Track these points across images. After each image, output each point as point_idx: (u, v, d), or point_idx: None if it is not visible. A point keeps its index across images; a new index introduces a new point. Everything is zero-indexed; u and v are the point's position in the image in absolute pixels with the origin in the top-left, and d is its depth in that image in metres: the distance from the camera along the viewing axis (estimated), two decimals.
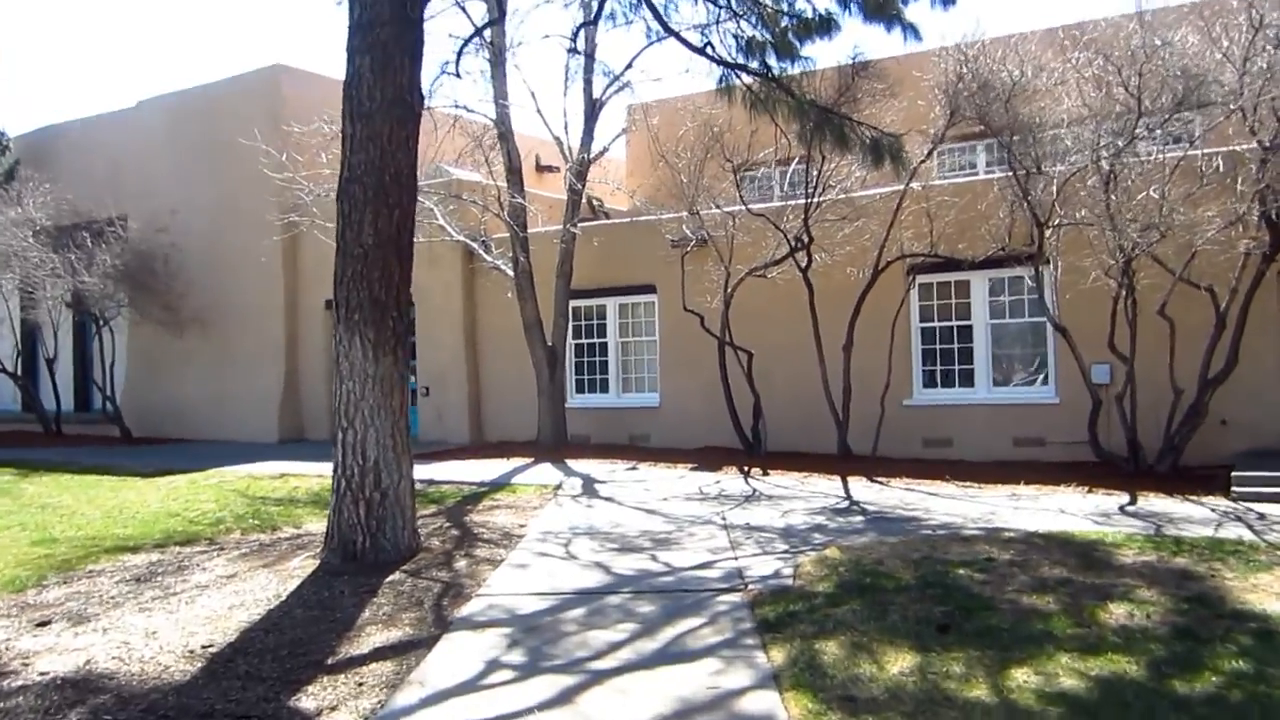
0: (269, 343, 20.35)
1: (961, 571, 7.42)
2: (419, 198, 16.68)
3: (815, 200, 13.11)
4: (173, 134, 21.66)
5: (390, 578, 7.87)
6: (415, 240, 16.93)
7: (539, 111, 15.98)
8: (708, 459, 14.40)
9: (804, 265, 13.40)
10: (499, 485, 12.74)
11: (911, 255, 13.33)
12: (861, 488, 11.86)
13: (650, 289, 16.59)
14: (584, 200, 17.61)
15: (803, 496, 11.37)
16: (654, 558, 8.39)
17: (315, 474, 13.98)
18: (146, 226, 21.77)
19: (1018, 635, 5.89)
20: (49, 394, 22.60)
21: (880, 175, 13.23)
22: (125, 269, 20.57)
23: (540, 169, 24.18)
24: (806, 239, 13.18)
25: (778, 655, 5.71)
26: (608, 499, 11.54)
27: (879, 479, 12.32)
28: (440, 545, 9.13)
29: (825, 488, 11.93)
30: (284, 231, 18.83)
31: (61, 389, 22.92)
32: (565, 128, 15.96)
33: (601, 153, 16.43)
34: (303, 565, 8.45)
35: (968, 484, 11.87)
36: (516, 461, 14.98)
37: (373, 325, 8.51)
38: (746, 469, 13.43)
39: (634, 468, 13.99)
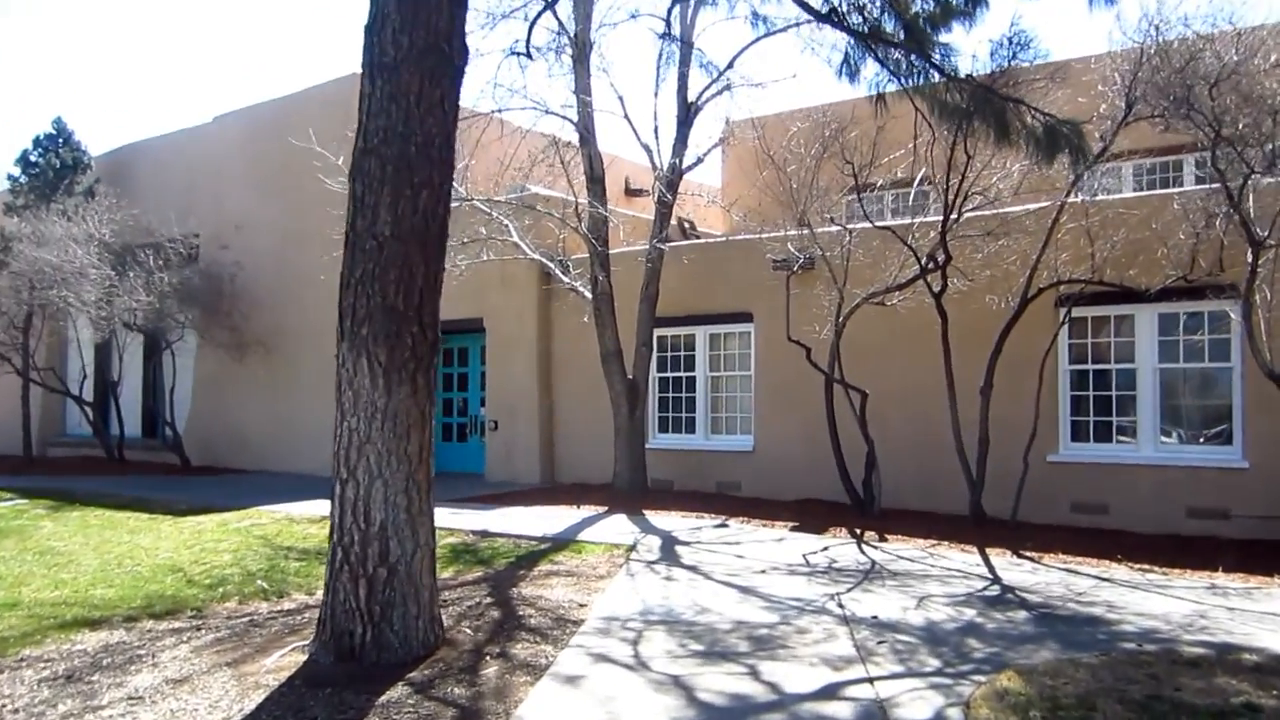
0: (331, 369, 18.31)
1: None
2: (490, 210, 14.64)
3: (957, 212, 10.39)
4: (246, 148, 19.97)
5: (388, 695, 5.45)
6: (487, 259, 14.90)
7: (626, 117, 13.68)
8: (810, 516, 11.76)
9: (937, 290, 10.73)
10: (562, 543, 10.32)
11: (1070, 282, 10.58)
12: (1008, 565, 9.13)
13: (746, 317, 14.09)
14: (674, 220, 15.28)
15: (936, 575, 8.69)
16: (754, 673, 5.83)
17: None
18: (215, 244, 20.15)
19: None
20: (119, 419, 21.10)
21: (1034, 184, 10.56)
22: (189, 289, 18.93)
23: (629, 192, 21.97)
24: (943, 257, 10.51)
25: None
26: (691, 568, 9.01)
27: (1027, 554, 9.57)
28: (470, 636, 6.70)
29: (961, 563, 9.23)
30: None
31: (129, 414, 21.37)
32: (655, 133, 13.61)
33: (696, 163, 14.03)
34: (282, 663, 6.11)
35: (1144, 566, 9.06)
36: (587, 510, 12.55)
37: (385, 343, 6.20)
38: (859, 532, 10.76)
39: (723, 524, 11.44)
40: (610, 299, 13.64)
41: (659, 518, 11.93)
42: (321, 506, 13.17)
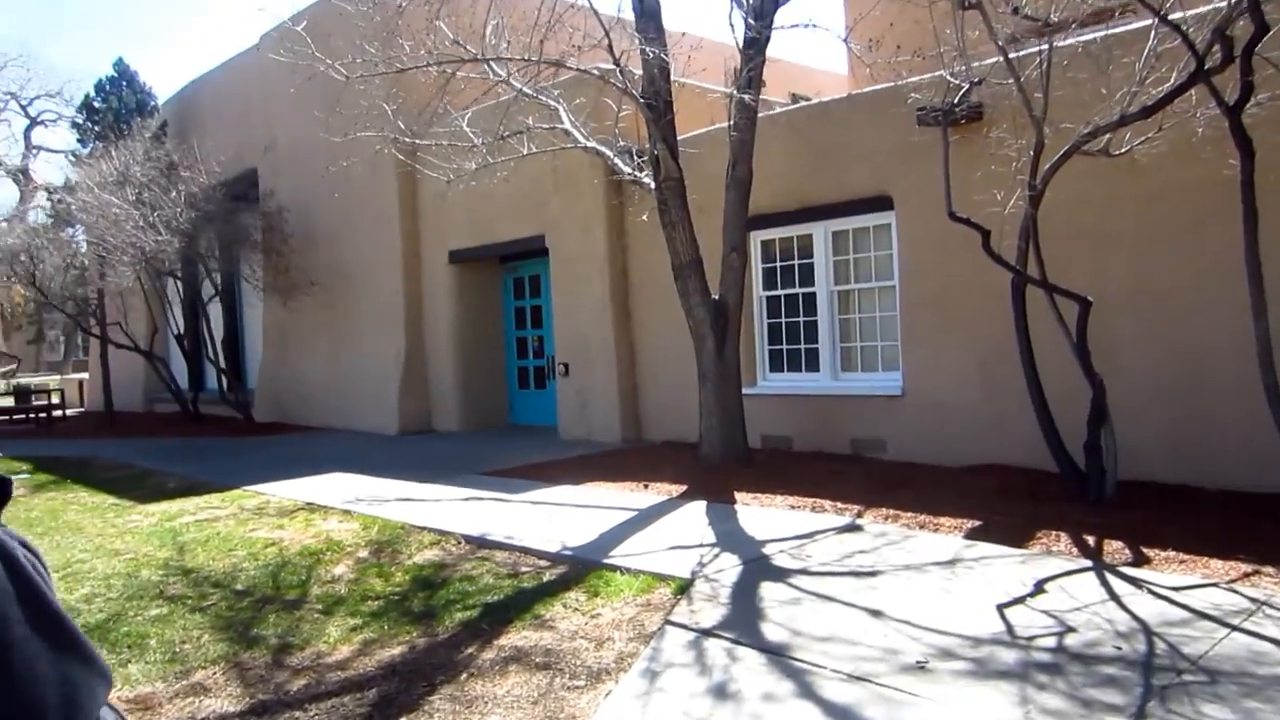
0: (385, 310, 14.36)
1: None
2: (526, 89, 9.94)
3: None
4: (286, 67, 15.96)
5: None
6: (527, 153, 10.17)
7: None
8: (998, 507, 6.79)
9: (1234, 101, 5.44)
10: (582, 567, 5.83)
11: None
12: None
13: (884, 203, 9.06)
14: (787, 96, 10.30)
15: None
16: None
17: (345, 507, 7.69)
18: (269, 177, 16.41)
19: None
20: (208, 374, 18.21)
21: None
22: (235, 228, 15.41)
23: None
24: (1251, 32, 5.15)
25: None
26: (775, 652, 4.30)
27: None
28: None
29: None
30: (398, 166, 12.85)
31: (210, 368, 18.23)
32: None
33: None
34: None
35: None
36: (655, 494, 8.00)
37: None
38: (1093, 545, 5.75)
39: (853, 524, 6.63)
40: (680, 186, 8.83)
41: (754, 510, 7.24)
42: (334, 485, 9.30)
